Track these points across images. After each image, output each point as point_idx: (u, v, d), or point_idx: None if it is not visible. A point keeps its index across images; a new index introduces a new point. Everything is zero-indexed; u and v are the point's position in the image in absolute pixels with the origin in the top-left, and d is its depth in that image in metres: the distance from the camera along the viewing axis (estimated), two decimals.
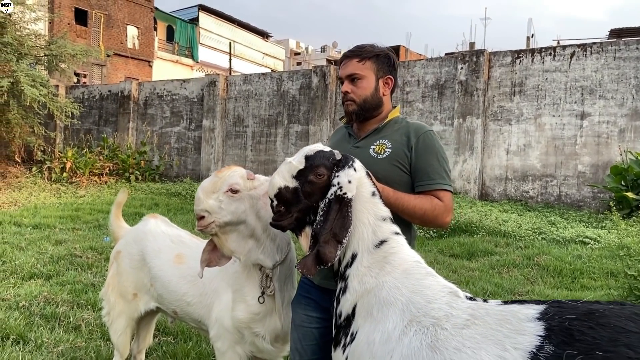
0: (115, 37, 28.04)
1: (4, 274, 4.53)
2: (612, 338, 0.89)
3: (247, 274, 2.01)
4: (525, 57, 9.52)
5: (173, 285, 2.23)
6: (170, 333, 3.25)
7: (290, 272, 2.05)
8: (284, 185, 1.54)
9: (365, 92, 1.82)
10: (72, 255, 5.20)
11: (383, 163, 1.77)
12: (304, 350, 1.86)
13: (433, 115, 10.34)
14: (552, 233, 6.61)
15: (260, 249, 1.93)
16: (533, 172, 9.34)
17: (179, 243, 2.34)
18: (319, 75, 11.49)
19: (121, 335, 2.43)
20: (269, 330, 2.01)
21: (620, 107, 8.70)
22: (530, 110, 9.40)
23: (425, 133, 1.81)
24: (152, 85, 14.58)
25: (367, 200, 1.52)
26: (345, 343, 1.44)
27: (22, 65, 10.27)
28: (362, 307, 1.42)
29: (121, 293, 2.43)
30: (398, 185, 1.74)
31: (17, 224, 7.16)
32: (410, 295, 1.33)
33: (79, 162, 12.18)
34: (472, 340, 1.08)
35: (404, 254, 1.46)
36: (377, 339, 1.32)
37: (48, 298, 3.76)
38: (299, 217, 1.56)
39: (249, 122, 12.59)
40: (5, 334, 3.07)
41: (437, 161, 1.77)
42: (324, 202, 1.49)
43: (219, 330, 2.05)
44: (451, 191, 1.79)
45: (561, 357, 0.91)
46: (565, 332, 0.95)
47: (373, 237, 1.48)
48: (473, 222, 7.00)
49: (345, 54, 1.88)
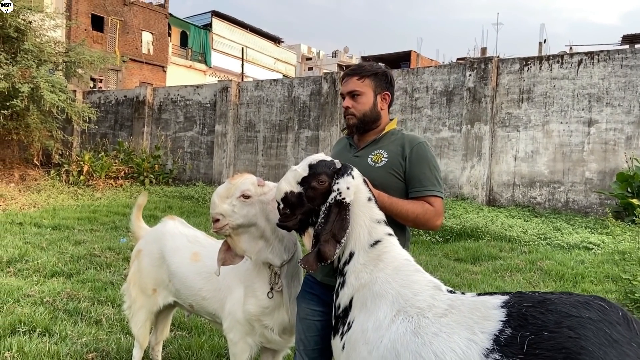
0: (131, 42, 28.58)
1: (27, 272, 4.79)
2: (557, 321, 1.06)
3: (258, 272, 2.21)
4: (533, 64, 9.64)
5: (190, 281, 2.43)
6: (185, 327, 3.46)
7: (297, 270, 2.24)
8: (289, 190, 1.74)
9: (364, 107, 2.01)
10: (91, 255, 5.45)
11: (380, 171, 1.96)
12: (307, 340, 2.04)
13: (441, 122, 10.49)
14: (557, 238, 6.72)
15: (269, 249, 2.13)
16: (540, 178, 9.44)
17: (195, 242, 2.54)
18: (329, 81, 11.70)
19: (141, 327, 2.65)
20: (277, 323, 2.21)
21: (627, 114, 8.78)
22: (538, 117, 9.51)
23: (419, 144, 1.99)
24: (167, 90, 14.92)
25: (364, 204, 1.71)
26: (343, 332, 1.63)
27: (42, 71, 10.62)
28: (358, 300, 1.60)
29: (142, 288, 2.64)
30: (393, 191, 1.93)
31: (38, 224, 7.45)
32: (399, 289, 1.52)
33: (95, 165, 12.52)
34: (448, 327, 1.26)
35: (396, 252, 1.65)
36: (370, 326, 1.50)
37: (70, 294, 4.00)
38: (303, 219, 1.76)
39: (260, 127, 12.84)
40: (32, 326, 3.30)
41: (429, 170, 1.95)
42: (325, 205, 1.69)
43: (232, 322, 2.25)
44: (442, 197, 1.97)
45: (516, 337, 1.08)
46: (522, 318, 1.12)
47: (368, 238, 1.67)
48: (479, 227, 7.13)
49: (346, 72, 2.08)
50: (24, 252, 5.41)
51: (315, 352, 2.03)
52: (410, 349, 1.29)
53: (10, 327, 3.26)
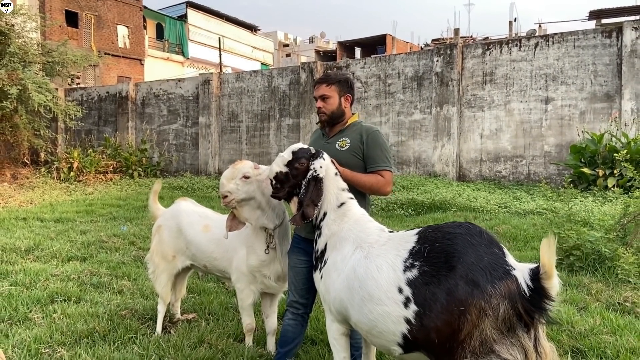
0: (106, 37, 28.58)
1: (46, 258, 5.39)
2: (442, 237, 1.76)
3: (256, 234, 2.90)
4: (494, 48, 10.40)
5: (203, 246, 3.12)
6: (195, 291, 4.16)
7: (286, 232, 2.94)
8: (279, 170, 2.43)
9: (332, 107, 2.70)
10: (99, 241, 6.07)
11: (344, 153, 2.65)
12: (297, 282, 2.75)
13: (413, 105, 11.22)
14: (516, 206, 7.54)
15: (265, 216, 2.82)
16: (504, 153, 10.28)
17: (205, 217, 3.23)
18: (307, 71, 12.32)
19: (164, 287, 3.33)
20: (273, 272, 2.91)
21: (580, 91, 9.63)
22: (500, 97, 10.30)
23: (373, 132, 2.69)
24: (149, 85, 15.34)
25: (332, 178, 2.41)
26: (320, 267, 2.33)
27: (29, 73, 11.01)
28: (330, 244, 2.31)
29: (163, 256, 3.31)
30: (355, 168, 2.62)
31: (40, 219, 7.98)
32: (358, 233, 2.22)
33: (84, 161, 12.98)
34: (386, 250, 1.97)
35: (355, 210, 2.35)
36: (338, 259, 2.21)
37: (92, 272, 4.64)
38: (290, 191, 2.45)
39: (242, 117, 13.42)
40: (67, 296, 3.95)
41: (380, 151, 2.65)
42: (305, 180, 2.38)
43: (238, 274, 2.95)
44: (391, 171, 2.66)
45: (421, 249, 1.79)
46: (425, 238, 1.82)
47: (336, 201, 2.37)
48: (447, 200, 7.91)
49: (317, 80, 2.76)
50: (37, 242, 6.00)
51: (303, 290, 2.74)
52: (362, 265, 2.00)
53: (49, 297, 3.91)
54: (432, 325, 1.66)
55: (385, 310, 1.81)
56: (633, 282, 3.91)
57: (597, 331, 3.14)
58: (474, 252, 1.65)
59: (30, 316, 3.56)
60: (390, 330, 1.81)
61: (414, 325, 1.72)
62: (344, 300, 2.09)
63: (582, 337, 3.08)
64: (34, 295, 3.94)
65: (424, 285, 1.71)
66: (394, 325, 1.79)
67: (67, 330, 3.23)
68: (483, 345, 1.53)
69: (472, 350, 1.54)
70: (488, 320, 1.53)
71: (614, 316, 3.36)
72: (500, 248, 1.70)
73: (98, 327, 3.26)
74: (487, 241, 1.70)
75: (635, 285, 3.89)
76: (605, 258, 4.16)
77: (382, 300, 1.82)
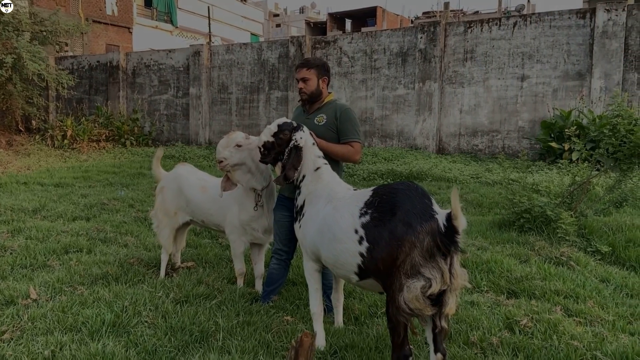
0: (94, 4, 28.26)
1: (53, 218, 5.90)
2: (388, 192, 2.32)
3: (247, 194, 3.44)
4: (475, 26, 10.85)
5: (201, 204, 3.67)
6: (192, 246, 4.73)
7: (272, 192, 3.49)
8: (267, 139, 2.97)
9: (311, 88, 3.22)
10: (101, 203, 6.58)
11: (321, 128, 3.18)
12: (281, 234, 3.32)
13: (397, 80, 11.69)
14: (486, 177, 8.17)
15: (254, 179, 3.36)
16: (482, 128, 10.86)
17: (202, 179, 3.77)
18: (296, 44, 12.66)
19: (167, 238, 3.89)
20: (261, 226, 3.48)
21: (554, 69, 10.17)
22: (479, 74, 10.82)
23: (345, 109, 3.22)
24: (140, 55, 15.54)
25: (310, 147, 2.95)
26: (300, 219, 2.90)
27: (23, 41, 11.23)
28: (308, 200, 2.87)
29: (166, 212, 3.86)
30: (329, 139, 3.16)
31: (40, 183, 8.43)
32: (329, 191, 2.78)
33: (78, 129, 13.31)
34: (349, 203, 2.53)
35: (328, 173, 2.91)
36: (313, 213, 2.77)
37: (98, 228, 5.18)
38: (275, 157, 3.00)
39: (233, 89, 13.78)
40: (79, 248, 4.49)
41: (351, 125, 3.19)
42: (288, 148, 2.92)
43: (231, 227, 3.51)
44: (360, 142, 3.21)
45: (373, 201, 2.36)
46: (377, 193, 2.39)
47: (313, 166, 2.92)
48: (424, 170, 8.51)
49: (297, 65, 3.27)
50: (43, 204, 6.49)
51: (285, 239, 3.32)
52: (330, 215, 2.57)
53: (63, 249, 4.45)
54: (378, 256, 2.24)
55: (346, 247, 2.39)
56: (571, 240, 4.56)
57: (530, 277, 3.78)
58: (410, 202, 2.22)
59: (49, 263, 4.10)
60: (349, 262, 2.39)
61: (366, 258, 2.30)
62: (316, 242, 2.66)
63: (517, 282, 3.71)
64: (49, 247, 4.48)
65: (373, 227, 2.28)
66: (351, 258, 2.37)
67: (84, 273, 3.79)
68: (413, 268, 2.11)
69: (405, 272, 2.12)
70: (417, 250, 2.11)
71: (548, 266, 4.00)
72: (429, 199, 2.27)
73: (110, 271, 3.83)
74: (420, 195, 2.27)
75: (572, 243, 4.54)
76: (551, 220, 4.79)
77: (343, 240, 2.40)
